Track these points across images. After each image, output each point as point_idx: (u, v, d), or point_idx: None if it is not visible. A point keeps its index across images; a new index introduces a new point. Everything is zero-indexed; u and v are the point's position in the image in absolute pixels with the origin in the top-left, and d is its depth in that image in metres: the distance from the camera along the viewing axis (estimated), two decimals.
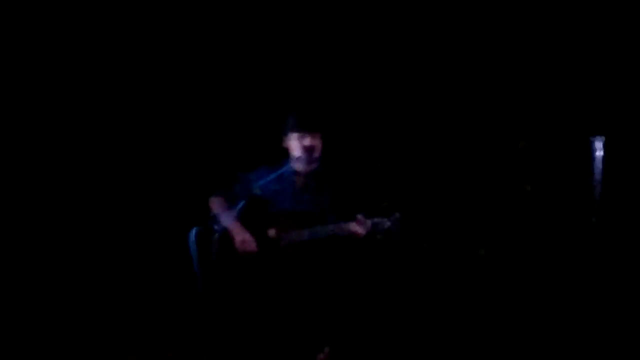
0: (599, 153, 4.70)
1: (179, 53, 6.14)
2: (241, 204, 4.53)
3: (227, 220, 4.59)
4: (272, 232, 4.69)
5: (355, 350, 4.84)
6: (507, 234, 5.71)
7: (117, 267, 6.02)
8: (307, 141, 4.73)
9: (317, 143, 4.76)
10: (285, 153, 4.86)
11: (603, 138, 4.65)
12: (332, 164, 4.91)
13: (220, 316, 4.63)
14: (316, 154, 4.77)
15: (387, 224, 4.47)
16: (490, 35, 5.87)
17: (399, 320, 5.50)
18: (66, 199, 6.07)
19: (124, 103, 6.15)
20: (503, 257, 5.67)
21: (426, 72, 5.98)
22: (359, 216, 4.48)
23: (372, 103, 6.06)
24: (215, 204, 4.84)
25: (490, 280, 5.62)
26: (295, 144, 4.77)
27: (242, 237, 4.68)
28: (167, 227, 5.84)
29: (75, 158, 6.09)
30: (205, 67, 6.15)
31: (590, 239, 5.20)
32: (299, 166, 4.79)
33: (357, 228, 4.47)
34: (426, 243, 5.77)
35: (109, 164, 6.14)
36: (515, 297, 5.53)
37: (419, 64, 5.99)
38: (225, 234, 4.58)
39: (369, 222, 4.46)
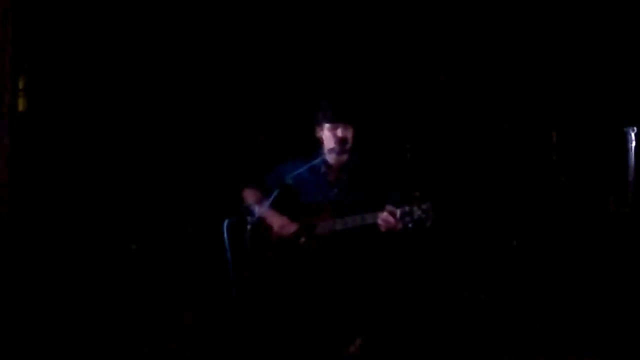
0: (633, 144, 4.66)
1: (211, 43, 6.15)
2: (274, 194, 4.55)
3: (262, 209, 4.62)
4: (303, 225, 4.72)
5: (387, 342, 4.84)
6: (541, 226, 5.69)
7: (150, 258, 6.05)
8: (339, 132, 4.75)
9: (349, 134, 4.78)
10: (318, 144, 4.88)
11: (636, 129, 4.61)
12: (365, 155, 4.92)
13: (252, 307, 4.66)
14: (348, 145, 4.78)
15: (418, 212, 4.45)
16: (526, 26, 5.85)
17: (430, 312, 5.49)
18: (98, 189, 6.11)
19: (160, 94, 6.18)
20: (536, 248, 5.64)
21: (460, 62, 5.97)
22: (389, 206, 4.48)
23: (406, 93, 6.05)
24: (249, 195, 4.88)
25: (522, 271, 5.60)
26: (327, 135, 4.80)
27: (280, 222, 4.72)
28: (201, 219, 5.87)
29: (107, 150, 6.13)
30: (243, 59, 6.17)
31: (624, 230, 5.16)
32: (331, 157, 4.81)
33: (388, 217, 4.47)
34: (461, 234, 5.76)
35: (149, 155, 6.17)
36: (548, 289, 5.50)
37: (452, 55, 5.98)
38: (258, 225, 4.61)
39: (399, 211, 4.46)
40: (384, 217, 4.47)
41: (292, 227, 4.71)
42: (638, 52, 5.63)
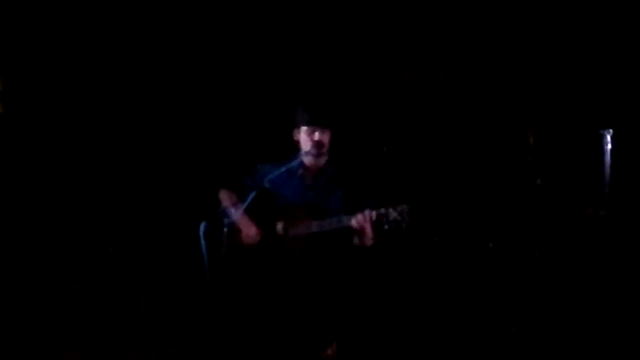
0: (609, 146, 4.68)
1: (188, 46, 6.15)
2: (250, 196, 4.55)
3: (235, 213, 4.62)
4: (279, 227, 4.71)
5: (362, 345, 4.85)
6: (517, 228, 5.71)
7: (127, 261, 6.05)
8: (316, 136, 4.75)
9: (326, 138, 4.78)
10: (296, 147, 4.88)
11: (612, 131, 4.63)
12: (342, 158, 4.92)
13: (227, 310, 4.65)
14: (325, 149, 4.78)
15: (394, 214, 4.46)
16: (500, 30, 5.87)
17: (406, 314, 5.50)
18: (75, 193, 6.10)
19: (135, 97, 6.17)
20: (512, 250, 5.66)
21: (435, 66, 5.99)
22: (367, 209, 4.48)
23: (381, 98, 6.07)
24: (225, 197, 4.87)
25: (498, 273, 5.62)
26: (304, 138, 4.79)
27: (247, 231, 4.72)
28: (177, 221, 5.87)
29: (83, 153, 6.12)
30: (220, 61, 6.17)
31: (600, 233, 5.19)
32: (308, 160, 4.81)
33: (362, 219, 4.47)
34: (437, 236, 5.77)
35: (122, 158, 6.16)
36: (523, 291, 5.52)
37: (427, 59, 6.00)
38: (233, 228, 4.61)
39: (374, 214, 4.46)
40: (359, 220, 4.48)
41: (256, 237, 4.72)
42: (615, 54, 5.65)
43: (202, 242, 4.40)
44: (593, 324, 5.13)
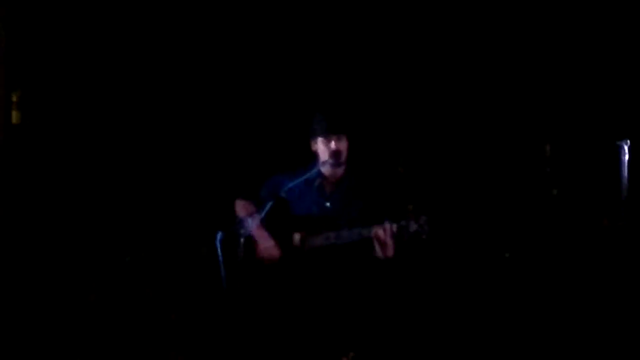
0: (626, 157, 4.67)
1: (202, 53, 6.16)
2: (267, 207, 4.54)
3: (252, 225, 4.61)
4: (296, 238, 4.71)
5: (379, 355, 4.84)
6: (533, 238, 5.70)
7: (145, 270, 6.05)
8: (333, 145, 4.75)
9: (343, 146, 4.78)
10: (314, 157, 4.88)
11: (629, 142, 4.62)
12: (359, 168, 4.92)
13: (244, 320, 4.65)
14: (342, 158, 4.78)
15: (414, 226, 4.46)
16: (517, 41, 5.86)
17: (424, 326, 5.49)
18: (93, 202, 6.11)
19: (154, 107, 6.18)
20: (528, 260, 5.65)
21: (452, 76, 5.98)
22: (387, 221, 4.48)
23: (398, 106, 6.07)
24: (241, 208, 4.88)
25: (515, 283, 5.60)
26: (321, 148, 4.80)
27: (265, 244, 4.72)
28: (195, 231, 5.87)
29: (101, 162, 6.13)
30: (240, 70, 6.17)
31: (617, 244, 5.17)
32: (326, 170, 4.81)
33: (382, 232, 4.47)
34: (454, 247, 5.77)
35: (140, 167, 6.17)
36: (539, 301, 5.50)
37: (444, 68, 5.99)
38: (250, 238, 4.61)
39: (395, 226, 4.46)
40: (380, 232, 4.47)
41: (275, 252, 4.72)
42: (632, 65, 5.64)
43: (219, 252, 4.40)
44: (608, 335, 5.12)
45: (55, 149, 6.08)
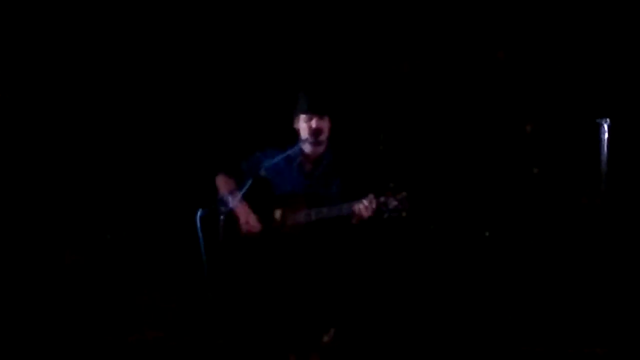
0: (606, 135, 4.69)
1: (188, 34, 6.15)
2: (247, 184, 4.55)
3: (233, 201, 4.62)
4: (277, 214, 4.72)
5: (360, 332, 4.86)
6: (513, 217, 5.72)
7: (125, 248, 6.05)
8: (314, 123, 4.75)
9: (324, 125, 4.78)
10: (296, 134, 4.88)
11: (609, 121, 4.63)
12: (340, 146, 4.92)
13: (225, 297, 4.66)
14: (323, 137, 4.79)
15: (394, 203, 4.47)
16: (497, 20, 5.87)
17: (404, 302, 5.51)
18: (72, 181, 6.10)
19: (131, 83, 6.17)
20: (509, 239, 5.68)
21: (433, 55, 5.99)
22: (366, 197, 4.49)
23: (380, 85, 6.07)
24: (222, 184, 4.87)
25: (494, 262, 5.63)
26: (302, 126, 4.80)
27: (246, 218, 4.72)
28: (174, 208, 5.87)
29: (80, 140, 6.12)
30: (222, 48, 6.16)
31: (596, 222, 5.20)
32: (306, 147, 4.81)
33: (362, 208, 4.48)
34: (433, 224, 5.79)
35: (119, 145, 6.16)
36: (518, 280, 5.54)
37: (426, 48, 6.00)
38: (231, 215, 4.61)
39: (374, 202, 4.47)
40: (359, 208, 4.48)
41: (256, 226, 4.73)
42: (611, 44, 5.66)
43: (199, 229, 4.40)
44: (589, 315, 5.16)
45: (36, 128, 6.07)
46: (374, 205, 4.46)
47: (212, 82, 6.18)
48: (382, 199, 4.46)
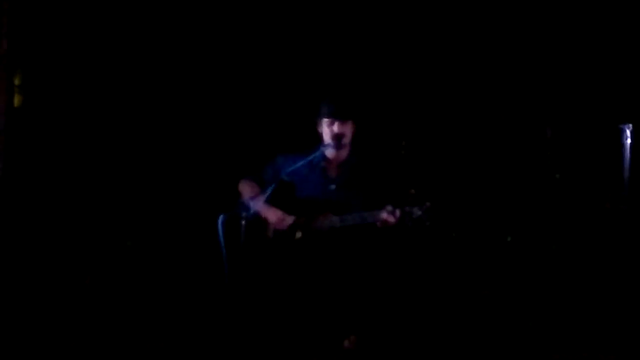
0: (628, 141, 4.66)
1: (211, 35, 6.16)
2: (270, 188, 4.55)
3: (257, 204, 4.61)
4: (300, 221, 4.72)
5: (382, 339, 4.84)
6: (536, 222, 5.70)
7: (146, 254, 6.06)
8: (336, 127, 4.75)
9: (347, 130, 4.79)
10: (320, 139, 4.88)
11: (631, 126, 4.61)
12: (363, 151, 4.92)
13: (247, 302, 4.66)
14: (345, 141, 4.79)
15: (418, 213, 4.47)
16: (519, 24, 5.86)
17: (427, 310, 5.49)
18: (94, 185, 6.12)
19: (156, 86, 6.18)
20: (531, 245, 5.65)
21: (455, 62, 5.98)
22: (389, 206, 4.49)
23: (403, 91, 6.07)
24: (245, 189, 4.87)
25: (517, 267, 5.61)
26: (325, 130, 4.81)
27: (276, 216, 4.72)
28: (197, 214, 5.87)
29: (101, 144, 6.14)
30: (247, 51, 6.17)
31: (619, 227, 5.17)
32: (329, 152, 4.81)
33: (387, 216, 4.48)
34: (455, 232, 5.77)
35: (142, 150, 6.17)
36: (542, 285, 5.51)
37: (447, 55, 6.00)
38: (253, 220, 4.60)
39: (398, 211, 4.47)
40: (383, 217, 4.48)
41: (288, 220, 4.72)
42: (634, 49, 5.63)
43: (221, 234, 4.40)
44: (609, 318, 5.12)
45: (56, 132, 6.08)
46: (398, 215, 4.46)
47: (236, 88, 6.18)
48: (406, 208, 4.47)
